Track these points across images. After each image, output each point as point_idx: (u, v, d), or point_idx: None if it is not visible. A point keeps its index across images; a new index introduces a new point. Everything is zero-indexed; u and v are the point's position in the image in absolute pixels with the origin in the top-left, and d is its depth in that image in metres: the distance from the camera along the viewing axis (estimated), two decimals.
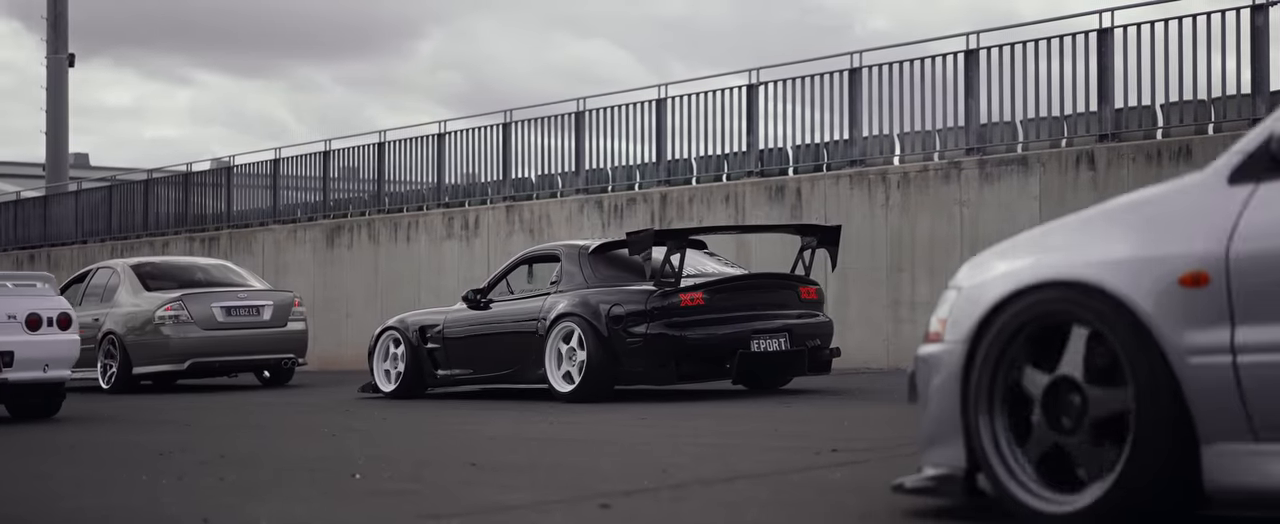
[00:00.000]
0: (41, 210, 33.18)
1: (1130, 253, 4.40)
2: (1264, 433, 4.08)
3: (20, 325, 12.13)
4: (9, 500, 6.49)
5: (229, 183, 27.72)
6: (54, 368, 12.39)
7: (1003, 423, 4.69)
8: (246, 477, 7.20)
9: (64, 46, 38.21)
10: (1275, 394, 4.06)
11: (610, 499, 5.81)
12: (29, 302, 12.29)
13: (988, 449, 4.69)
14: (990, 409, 4.72)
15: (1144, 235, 4.41)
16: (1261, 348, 4.09)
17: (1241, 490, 4.15)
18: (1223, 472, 4.17)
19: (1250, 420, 4.11)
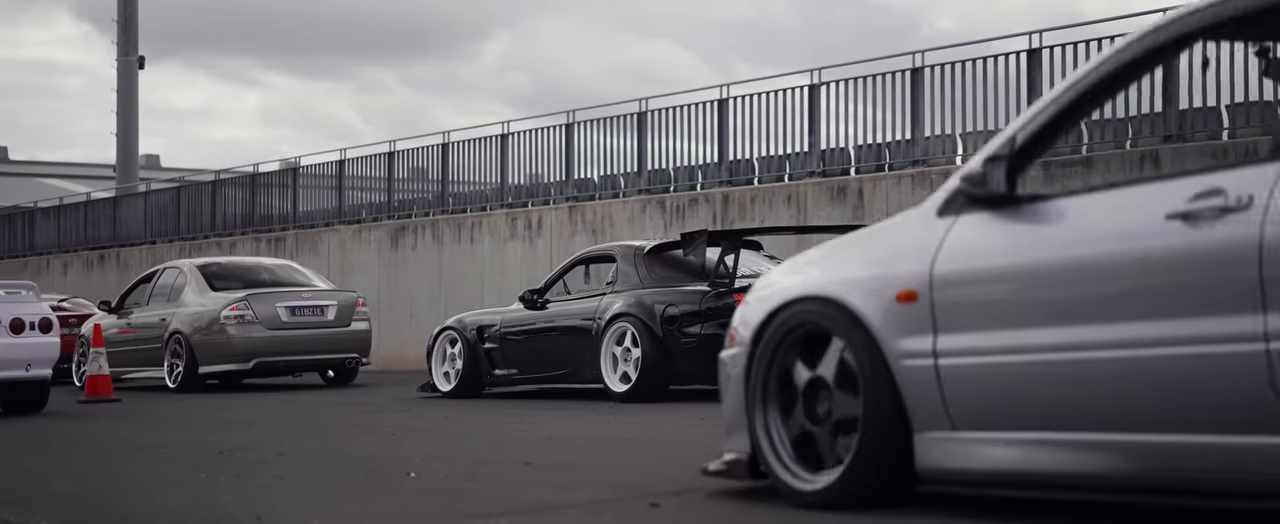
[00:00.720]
0: (111, 211, 33.55)
1: (864, 273, 5.28)
2: (959, 423, 4.98)
3: (4, 329, 13.11)
4: (72, 498, 6.57)
5: (295, 184, 27.94)
6: (36, 367, 13.40)
7: (774, 414, 5.58)
8: (303, 475, 7.27)
9: (134, 49, 38.59)
10: (965, 391, 4.94)
11: (661, 499, 5.83)
12: (13, 307, 13.34)
13: (761, 436, 5.58)
14: (764, 402, 5.60)
15: (877, 258, 5.30)
16: (954, 353, 4.96)
17: (944, 471, 5.06)
18: (929, 456, 5.05)
19: (949, 413, 4.99)
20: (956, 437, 4.98)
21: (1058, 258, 4.74)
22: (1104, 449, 4.61)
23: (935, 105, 18.10)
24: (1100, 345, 4.57)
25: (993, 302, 4.90)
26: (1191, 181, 4.46)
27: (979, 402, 4.92)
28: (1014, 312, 4.82)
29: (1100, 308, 4.59)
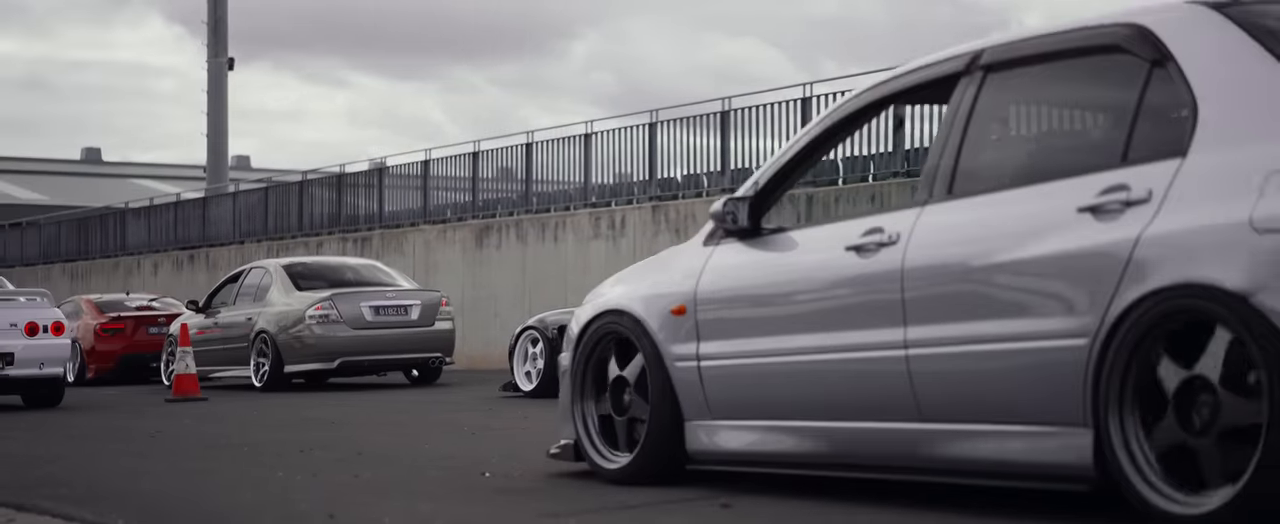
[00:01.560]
0: (201, 212, 33.91)
1: (652, 291, 6.44)
2: (716, 413, 6.17)
3: (20, 332, 14.73)
4: (153, 496, 6.64)
5: (381, 184, 28.13)
6: (48, 366, 14.97)
7: (591, 407, 6.66)
8: (380, 474, 7.29)
9: (223, 50, 38.99)
10: (719, 388, 6.13)
11: (733, 499, 5.81)
12: (28, 312, 14.99)
13: (579, 426, 6.66)
14: (582, 397, 6.68)
15: (661, 279, 6.47)
16: (711, 357, 6.16)
17: (706, 453, 6.23)
18: (696, 440, 6.25)
19: (709, 405, 6.18)
20: (714, 424, 6.20)
21: (775, 280, 5.99)
22: (808, 434, 5.83)
23: None
24: (801, 351, 5.77)
25: (734, 315, 6.12)
26: (865, 221, 5.64)
27: (728, 396, 6.13)
28: (747, 324, 6.07)
29: (801, 321, 5.81)
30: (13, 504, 6.43)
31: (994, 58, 5.46)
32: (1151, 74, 4.91)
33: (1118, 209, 4.73)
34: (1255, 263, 4.29)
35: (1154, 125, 4.87)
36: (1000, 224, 5.11)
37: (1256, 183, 4.39)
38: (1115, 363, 4.66)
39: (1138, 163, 4.79)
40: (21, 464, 8.50)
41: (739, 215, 6.15)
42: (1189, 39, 4.85)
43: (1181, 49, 4.84)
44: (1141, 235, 4.61)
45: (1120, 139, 4.95)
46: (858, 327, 5.52)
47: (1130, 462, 4.62)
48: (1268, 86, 4.59)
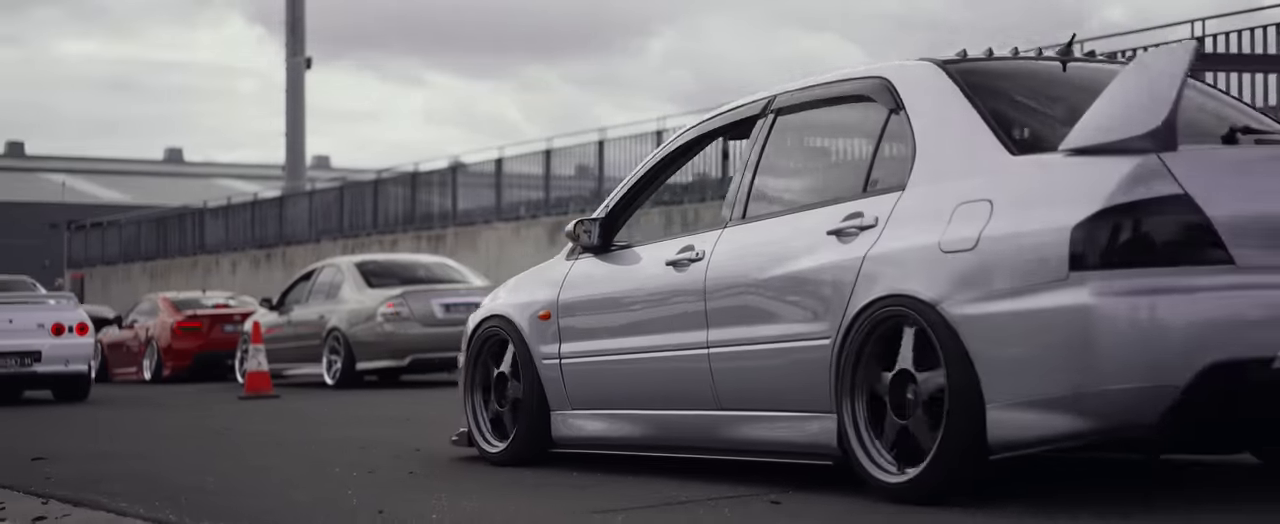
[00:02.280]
0: (277, 211, 34.19)
1: (524, 298, 7.49)
2: (575, 404, 7.15)
3: (47, 332, 16.24)
4: (211, 492, 6.68)
5: (455, 182, 28.24)
6: (73, 363, 16.39)
7: (479, 399, 7.70)
8: (436, 470, 7.33)
9: (301, 50, 39.29)
10: (575, 382, 7.12)
11: (784, 495, 5.78)
12: (54, 313, 16.50)
13: (469, 416, 7.70)
14: (472, 391, 7.72)
15: (533, 288, 7.51)
16: (569, 355, 7.15)
17: (567, 439, 7.22)
18: (559, 428, 7.24)
19: (569, 398, 7.17)
20: (573, 414, 7.18)
21: (616, 291, 6.96)
22: (640, 421, 6.82)
23: None
24: (635, 351, 6.77)
25: (587, 320, 7.10)
26: (683, 239, 6.68)
27: (583, 390, 7.11)
28: (596, 327, 7.04)
29: (635, 326, 6.80)
30: (70, 500, 6.50)
31: (782, 103, 6.44)
32: (889, 120, 5.86)
33: (854, 232, 5.71)
34: (942, 277, 5.27)
35: (887, 162, 5.84)
36: (773, 244, 6.12)
37: (948, 213, 5.37)
38: (847, 359, 5.63)
39: (872, 194, 5.77)
40: (88, 461, 8.59)
41: (592, 235, 7.20)
42: (917, 91, 5.79)
43: (911, 100, 5.79)
44: (867, 254, 5.60)
45: (863, 173, 5.93)
46: (675, 330, 6.56)
47: (857, 440, 5.61)
48: (965, 134, 5.54)
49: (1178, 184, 4.99)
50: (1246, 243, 5.04)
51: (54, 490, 6.85)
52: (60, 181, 79.69)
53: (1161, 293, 4.94)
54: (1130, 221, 4.97)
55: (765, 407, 6.11)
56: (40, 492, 6.86)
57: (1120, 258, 4.96)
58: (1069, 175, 5.13)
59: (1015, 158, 5.38)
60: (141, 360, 23.31)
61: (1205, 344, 4.92)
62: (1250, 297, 5.00)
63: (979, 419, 5.15)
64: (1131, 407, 4.95)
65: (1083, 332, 4.93)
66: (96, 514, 6.06)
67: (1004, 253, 5.14)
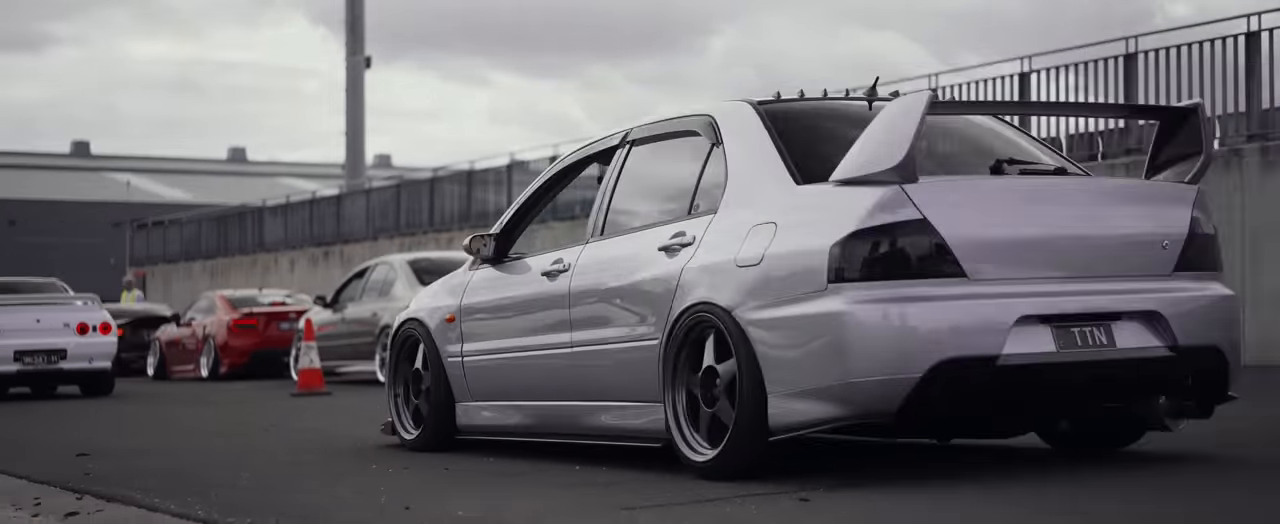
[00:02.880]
0: (335, 209, 34.33)
1: (435, 303, 8.53)
2: (475, 397, 8.17)
3: (72, 331, 17.56)
4: (243, 489, 6.70)
5: (510, 180, 28.26)
6: (97, 361, 17.72)
7: (400, 392, 8.74)
8: (472, 467, 7.31)
9: (360, 49, 39.42)
10: (474, 377, 8.12)
11: (814, 493, 5.73)
12: (80, 314, 17.79)
13: (391, 407, 8.79)
14: (394, 385, 8.79)
15: (442, 294, 8.55)
16: (469, 353, 8.16)
17: (468, 427, 8.24)
18: (462, 418, 8.27)
19: (470, 390, 8.18)
20: (472, 405, 8.19)
21: (504, 297, 7.98)
22: (521, 411, 7.84)
23: (1150, 91, 17.57)
24: (517, 350, 7.76)
25: (482, 323, 8.11)
26: (555, 253, 7.66)
27: (479, 384, 8.11)
28: (489, 329, 8.05)
29: (517, 328, 7.80)
30: (104, 495, 6.53)
31: (635, 136, 7.42)
32: (711, 152, 6.79)
33: (677, 249, 6.65)
34: (736, 288, 6.20)
35: (709, 189, 6.74)
36: (620, 258, 7.06)
37: (744, 233, 6.30)
38: (669, 357, 6.55)
39: (694, 216, 6.71)
40: (129, 456, 8.64)
41: (487, 248, 8.22)
42: (732, 128, 6.69)
43: (727, 135, 6.69)
44: (685, 268, 6.55)
45: (689, 198, 6.86)
46: (547, 332, 7.54)
47: (676, 425, 6.54)
48: (765, 165, 6.44)
49: (918, 210, 5.90)
50: (978, 259, 5.97)
51: (90, 486, 6.90)
52: (125, 181, 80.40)
53: (902, 301, 5.85)
54: (877, 241, 5.89)
55: (616, 398, 7.05)
56: (77, 487, 6.91)
57: (869, 272, 5.88)
58: (833, 202, 6.04)
59: (799, 187, 6.28)
60: (198, 358, 23.46)
61: (937, 345, 5.81)
62: (978, 305, 5.91)
63: (763, 407, 6.06)
64: (877, 397, 5.84)
65: (837, 334, 5.84)
66: (127, 510, 6.09)
67: (782, 267, 6.08)
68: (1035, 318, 5.97)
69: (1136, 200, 6.46)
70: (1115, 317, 6.15)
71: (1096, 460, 6.56)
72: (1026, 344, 5.93)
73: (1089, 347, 6.06)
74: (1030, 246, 6.09)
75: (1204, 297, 6.37)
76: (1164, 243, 6.31)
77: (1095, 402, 6.47)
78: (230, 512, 5.80)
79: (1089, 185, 6.51)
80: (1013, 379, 5.93)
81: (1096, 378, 6.13)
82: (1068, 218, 6.19)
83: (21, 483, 7.38)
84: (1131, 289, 6.22)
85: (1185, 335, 6.21)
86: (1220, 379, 6.39)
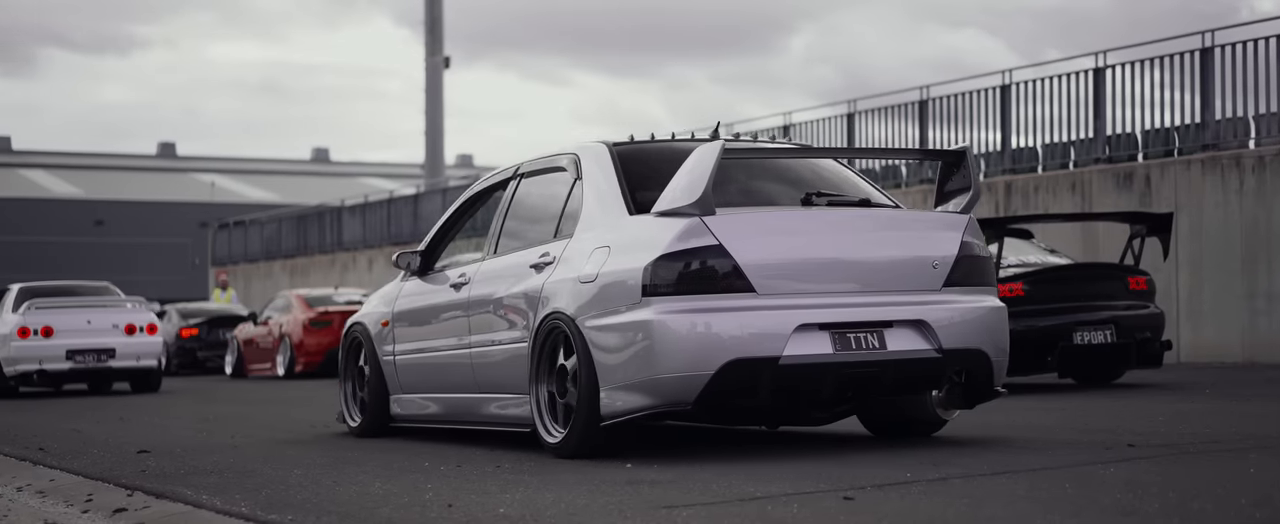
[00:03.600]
0: (412, 208, 34.45)
1: (374, 309, 9.92)
2: (404, 389, 9.44)
3: (120, 331, 19.05)
4: (290, 483, 6.72)
5: None
6: (144, 359, 19.20)
7: (349, 386, 10.09)
8: (525, 465, 7.29)
9: (439, 49, 39.57)
10: (402, 372, 9.41)
11: (860, 491, 5.67)
12: (128, 315, 19.27)
13: (340, 399, 10.17)
14: (344, 380, 10.14)
15: (380, 301, 9.93)
16: (399, 353, 9.44)
17: (399, 416, 9.54)
18: (395, 408, 9.56)
19: (400, 384, 9.45)
20: (402, 397, 9.52)
21: (424, 304, 9.23)
22: (435, 402, 9.16)
23: (1227, 86, 17.32)
24: (432, 350, 9.07)
25: (408, 327, 9.39)
26: (461, 268, 8.95)
27: (406, 378, 9.44)
28: (412, 332, 9.34)
29: (432, 331, 9.10)
30: (154, 492, 6.56)
31: (524, 170, 8.70)
32: (574, 185, 8.00)
33: (542, 266, 7.91)
34: (579, 300, 7.42)
35: (570, 216, 7.94)
36: (504, 274, 8.35)
37: (587, 254, 7.55)
38: (534, 356, 7.81)
39: (558, 239, 7.95)
40: (190, 454, 8.70)
41: (413, 264, 9.49)
42: (590, 165, 7.89)
43: (586, 171, 7.90)
44: (546, 282, 7.81)
45: (556, 223, 8.08)
46: (453, 335, 8.86)
47: (538, 414, 7.80)
48: (609, 198, 7.66)
49: (714, 237, 7.12)
50: (766, 277, 7.16)
51: (143, 483, 6.94)
52: (209, 181, 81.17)
53: (700, 312, 7.06)
54: (680, 262, 7.10)
55: (502, 391, 8.30)
56: (129, 483, 6.95)
57: (674, 287, 7.07)
58: (650, 230, 7.26)
59: (631, 217, 7.50)
60: (275, 356, 23.63)
61: (726, 347, 7.02)
62: (763, 315, 7.10)
63: (597, 398, 7.26)
64: (678, 390, 7.06)
65: (647, 338, 7.03)
66: (173, 506, 6.12)
67: (611, 283, 7.26)
68: (815, 325, 7.15)
69: (912, 228, 7.63)
70: (888, 324, 7.28)
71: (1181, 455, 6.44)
72: (805, 347, 7.12)
73: (863, 349, 7.22)
74: (813, 266, 7.27)
75: (971, 307, 7.48)
76: (934, 263, 7.46)
77: (872, 394, 7.69)
78: (273, 508, 5.82)
79: (874, 215, 7.64)
80: (793, 376, 7.13)
81: (870, 375, 7.28)
82: (849, 242, 7.37)
83: (78, 479, 7.44)
84: (903, 301, 7.35)
85: (950, 340, 7.36)
86: (985, 377, 7.58)
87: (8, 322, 19.12)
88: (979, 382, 7.62)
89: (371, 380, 9.68)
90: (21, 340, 18.81)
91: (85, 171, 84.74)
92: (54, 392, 20.08)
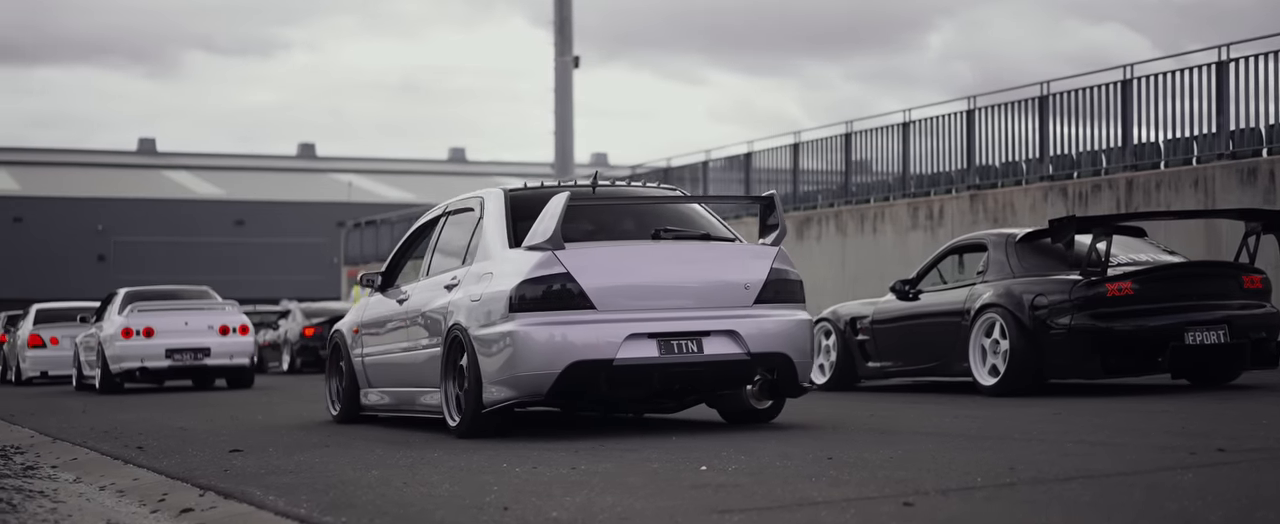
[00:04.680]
0: None
1: (351, 319, 12.02)
2: (372, 384, 11.48)
3: (215, 332, 20.85)
4: (362, 484, 6.75)
5: (705, 177, 28.19)
6: (237, 357, 20.94)
7: (334, 382, 12.12)
8: (605, 468, 7.22)
9: (568, 49, 39.69)
10: (369, 371, 11.48)
11: (925, 497, 5.58)
12: (221, 317, 21.04)
13: (327, 393, 12.35)
14: (329, 377, 12.25)
15: (354, 313, 12.00)
16: (366, 354, 11.51)
17: (366, 406, 11.62)
18: (363, 400, 11.65)
19: (368, 380, 11.51)
20: (370, 391, 11.49)
21: (382, 315, 11.21)
22: (390, 394, 11.09)
23: None
24: (386, 352, 11.05)
25: (372, 333, 11.39)
26: (407, 287, 10.96)
27: (371, 375, 11.43)
28: (374, 338, 11.36)
29: (387, 337, 11.07)
30: (223, 491, 6.63)
31: (450, 208, 10.87)
32: (478, 223, 10.05)
33: (452, 286, 9.95)
34: (471, 314, 9.46)
35: (473, 248, 10.01)
36: (429, 292, 10.46)
37: (478, 278, 9.60)
38: (444, 358, 9.77)
39: (464, 266, 9.99)
40: (281, 452, 8.80)
41: (376, 282, 11.51)
42: (489, 207, 10.00)
43: (486, 212, 9.99)
44: (450, 300, 9.86)
45: (463, 253, 10.14)
46: (398, 341, 10.89)
47: (445, 403, 9.78)
48: (496, 234, 9.72)
49: (563, 266, 9.16)
50: (604, 297, 9.17)
51: (217, 482, 7.01)
52: (346, 181, 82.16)
53: (551, 324, 9.10)
54: (536, 286, 9.14)
55: (428, 386, 10.23)
56: (206, 483, 7.02)
57: (532, 305, 9.13)
58: (518, 261, 9.30)
59: (510, 250, 9.48)
60: None
61: (571, 352, 9.06)
62: (600, 327, 9.11)
63: (480, 391, 9.28)
64: (535, 385, 9.09)
65: (512, 344, 9.08)
66: (238, 506, 6.18)
67: (491, 301, 9.30)
68: (644, 334, 9.13)
69: (731, 257, 9.59)
70: (706, 334, 9.27)
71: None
72: (635, 351, 9.10)
73: (684, 353, 9.19)
74: (645, 289, 9.27)
75: (776, 320, 9.47)
76: (746, 285, 9.44)
77: (696, 389, 9.68)
78: (333, 509, 5.85)
79: (700, 246, 9.68)
80: (625, 375, 9.13)
81: (691, 374, 9.30)
82: (677, 269, 9.38)
83: (160, 479, 7.54)
84: (719, 315, 9.34)
85: (757, 346, 9.34)
86: (790, 375, 9.57)
87: (113, 323, 20.86)
88: (785, 379, 9.58)
89: (345, 377, 11.90)
90: (125, 340, 20.51)
91: (227, 172, 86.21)
92: (157, 387, 21.92)
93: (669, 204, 10.07)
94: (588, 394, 9.28)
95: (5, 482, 7.58)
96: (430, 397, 10.13)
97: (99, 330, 21.36)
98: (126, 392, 20.69)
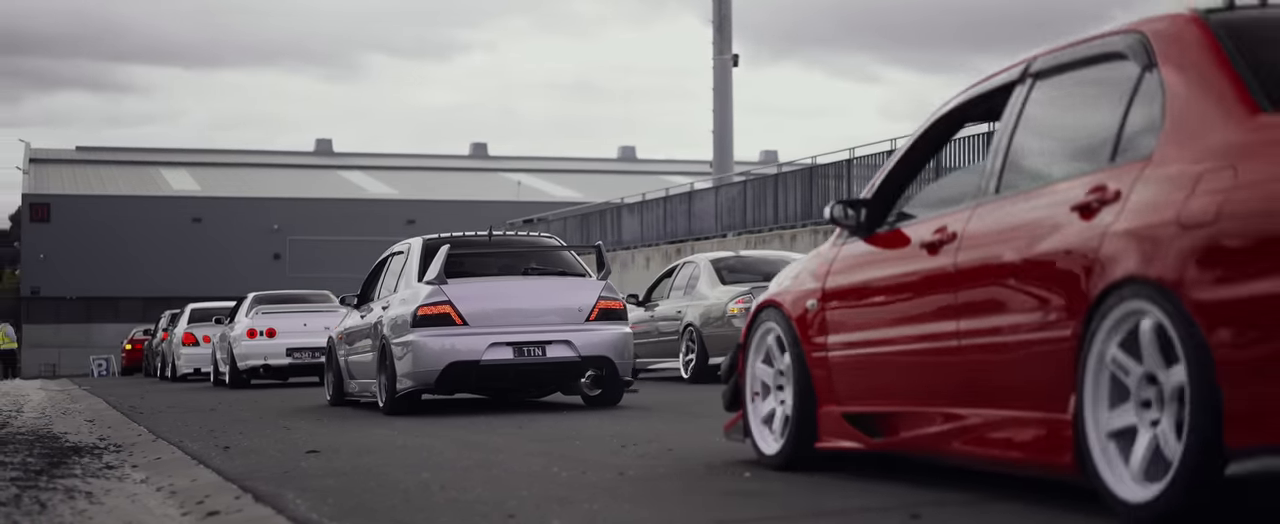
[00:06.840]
0: (686, 206, 34.57)
1: (340, 326, 16.38)
2: (352, 378, 15.50)
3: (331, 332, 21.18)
4: (403, 487, 6.74)
5: (849, 175, 27.93)
6: None
7: (332, 375, 16.02)
8: (646, 471, 7.16)
9: (728, 48, 39.63)
10: (351, 366, 15.39)
11: (933, 508, 5.44)
12: (331, 318, 21.52)
13: (326, 385, 16.46)
14: (329, 370, 16.14)
15: (343, 322, 16.43)
16: (348, 353, 15.49)
17: (351, 394, 15.57)
18: (349, 388, 15.62)
19: (350, 374, 15.61)
20: (350, 382, 15.30)
21: (352, 325, 15.60)
22: (359, 384, 15.00)
23: None
24: (360, 352, 14.99)
25: (350, 340, 15.51)
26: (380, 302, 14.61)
27: (352, 370, 15.21)
28: (347, 343, 15.55)
29: (355, 343, 15.42)
30: (259, 495, 6.66)
31: (393, 251, 14.55)
32: (405, 262, 14.26)
33: (386, 307, 13.91)
34: (392, 327, 13.51)
35: (400, 282, 14.09)
36: (375, 313, 14.00)
37: (398, 302, 13.74)
38: (376, 358, 13.62)
39: (393, 293, 14.16)
40: (352, 455, 8.82)
41: (351, 302, 15.50)
42: (412, 250, 14.19)
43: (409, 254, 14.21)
44: (381, 317, 13.92)
45: (395, 284, 14.20)
46: (361, 347, 14.25)
47: (378, 392, 13.46)
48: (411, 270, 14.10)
49: (445, 297, 13.02)
50: (476, 317, 13.00)
51: (258, 485, 7.04)
52: (516, 181, 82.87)
53: (436, 336, 12.89)
54: (427, 310, 12.91)
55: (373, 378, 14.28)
56: (249, 486, 7.06)
57: (424, 322, 12.92)
58: (419, 291, 13.21)
59: (418, 283, 13.65)
60: None
61: (450, 355, 12.88)
62: (470, 338, 12.92)
63: (395, 382, 13.17)
64: (425, 378, 12.90)
65: (412, 349, 12.86)
66: (263, 510, 6.20)
67: (402, 319, 13.10)
68: (503, 343, 12.94)
69: (572, 289, 13.47)
70: (549, 342, 13.04)
71: None
72: (495, 355, 12.95)
73: (532, 357, 13.01)
74: (506, 312, 13.08)
75: (602, 332, 13.25)
76: (580, 308, 13.26)
77: (542, 382, 13.67)
78: (351, 515, 5.85)
79: (550, 280, 13.61)
80: (489, 371, 13.03)
81: (538, 371, 13.16)
82: (531, 297, 13.26)
83: (216, 480, 7.59)
84: (560, 330, 13.11)
85: (586, 351, 13.12)
86: (614, 375, 13.41)
87: (240, 324, 23.15)
88: (610, 377, 13.47)
89: (334, 373, 15.63)
90: (250, 340, 22.76)
91: (401, 172, 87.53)
92: (281, 383, 23.90)
93: (530, 250, 14.12)
94: (465, 386, 13.36)
95: (61, 481, 7.71)
96: (375, 386, 13.86)
97: (230, 330, 23.52)
98: (255, 387, 22.82)
